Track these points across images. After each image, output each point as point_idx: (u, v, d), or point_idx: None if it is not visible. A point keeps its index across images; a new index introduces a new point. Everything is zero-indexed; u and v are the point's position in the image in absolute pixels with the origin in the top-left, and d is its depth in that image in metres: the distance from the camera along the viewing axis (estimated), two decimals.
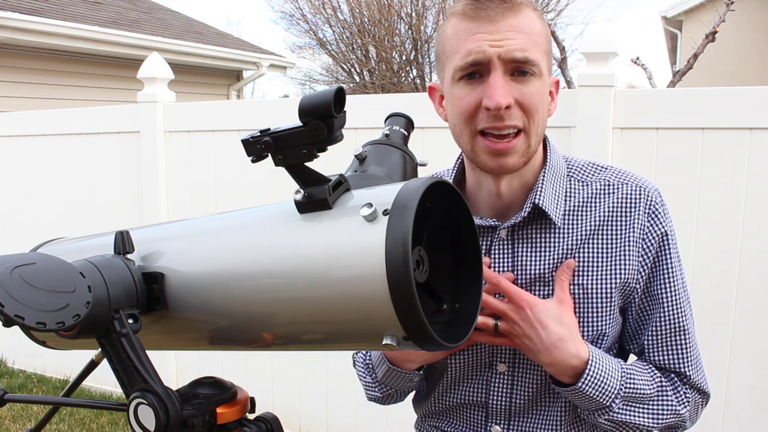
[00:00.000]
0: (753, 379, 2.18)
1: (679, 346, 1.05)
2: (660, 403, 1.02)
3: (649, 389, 1.01)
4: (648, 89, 4.30)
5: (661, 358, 1.05)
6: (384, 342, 0.63)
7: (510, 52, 0.93)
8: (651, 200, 1.04)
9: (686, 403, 1.04)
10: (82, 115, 3.67)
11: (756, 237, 2.13)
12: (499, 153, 0.97)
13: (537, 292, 1.03)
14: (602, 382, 0.96)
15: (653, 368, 1.05)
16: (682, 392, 1.04)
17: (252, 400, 0.76)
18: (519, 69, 0.95)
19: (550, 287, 1.03)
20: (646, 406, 1.02)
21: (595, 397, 0.97)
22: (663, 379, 1.04)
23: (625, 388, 0.99)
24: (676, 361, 1.05)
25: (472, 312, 0.73)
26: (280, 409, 2.35)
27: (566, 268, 1.01)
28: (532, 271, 1.03)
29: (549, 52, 1.01)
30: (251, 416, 0.75)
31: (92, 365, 0.85)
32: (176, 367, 3.46)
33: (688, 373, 1.05)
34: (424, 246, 0.70)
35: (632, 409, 1.00)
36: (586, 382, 0.96)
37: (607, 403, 0.98)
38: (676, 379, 1.05)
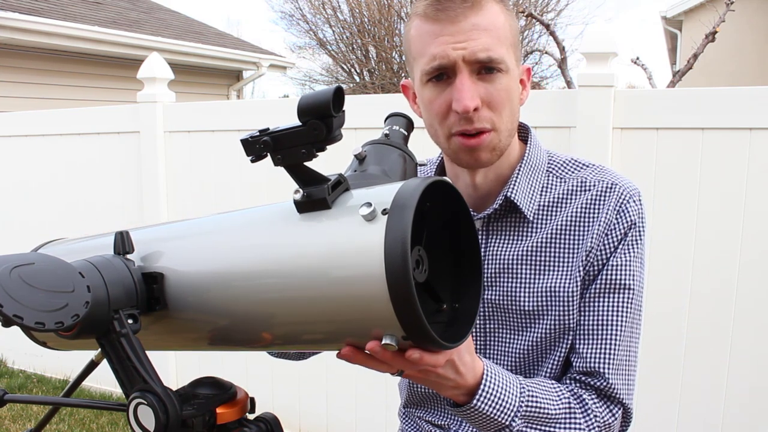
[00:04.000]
0: (753, 379, 2.18)
1: (604, 342, 0.99)
2: (567, 424, 0.95)
3: (554, 410, 0.94)
4: (648, 89, 4.30)
5: (582, 350, 1.00)
6: (384, 342, 0.63)
7: (473, 54, 0.94)
8: (623, 198, 1.02)
9: (596, 428, 0.97)
10: (82, 115, 3.67)
11: (756, 237, 2.13)
12: (472, 148, 0.99)
13: (503, 282, 1.05)
14: (499, 398, 0.88)
15: (562, 388, 0.98)
16: (593, 416, 0.97)
17: (252, 400, 0.76)
18: (484, 67, 0.95)
19: (516, 279, 1.04)
20: (550, 428, 0.94)
21: (492, 415, 0.88)
22: (572, 401, 0.97)
23: (526, 406, 0.91)
24: (594, 359, 0.99)
25: (471, 311, 0.73)
26: (280, 409, 2.35)
27: None
28: (501, 261, 1.05)
29: (516, 44, 1.01)
30: (251, 416, 0.75)
31: (92, 365, 0.85)
32: (176, 367, 3.46)
33: (605, 374, 0.98)
34: (423, 246, 0.70)
35: (535, 430, 0.92)
36: (482, 399, 0.87)
37: (506, 422, 0.89)
38: (588, 400, 0.98)
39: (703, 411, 2.27)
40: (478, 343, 1.08)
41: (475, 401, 0.86)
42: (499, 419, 0.89)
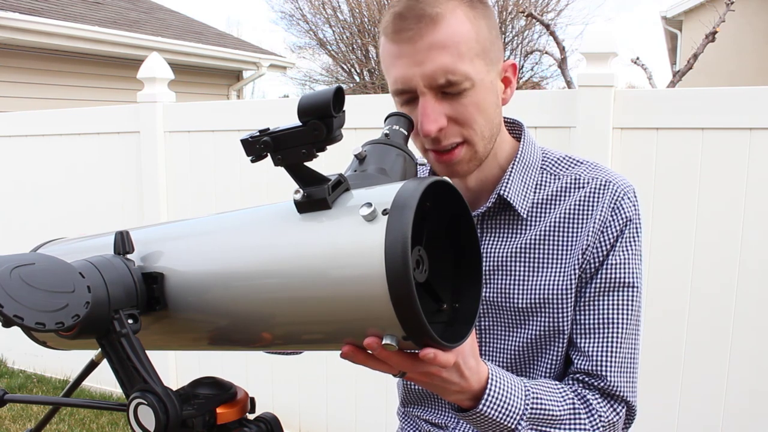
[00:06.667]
0: (753, 381, 2.18)
1: (606, 340, 0.99)
2: (571, 426, 0.95)
3: (559, 411, 0.94)
4: (648, 89, 4.30)
5: (584, 348, 1.00)
6: (384, 342, 0.63)
7: (431, 78, 0.91)
8: (617, 195, 1.01)
9: (601, 428, 0.97)
10: (82, 115, 3.67)
11: (756, 237, 2.13)
12: (446, 163, 0.99)
13: (497, 279, 1.05)
14: (505, 402, 0.87)
15: (566, 389, 0.98)
16: (597, 416, 0.97)
17: (252, 400, 0.76)
18: (445, 90, 0.93)
19: (510, 276, 1.04)
20: (555, 430, 0.93)
21: (498, 419, 0.87)
22: (576, 401, 0.97)
23: (531, 408, 0.90)
24: (597, 357, 0.99)
25: (471, 311, 0.73)
26: (280, 409, 2.35)
27: None
28: (495, 259, 1.05)
29: (487, 48, 0.96)
30: (251, 416, 0.75)
31: (92, 365, 0.85)
32: (176, 368, 3.46)
33: (608, 373, 0.98)
34: (423, 246, 0.70)
35: None
36: (487, 403, 0.86)
37: (512, 426, 0.89)
38: (592, 400, 0.98)
39: (703, 413, 2.27)
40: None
41: (481, 406, 0.86)
42: (505, 423, 0.88)
